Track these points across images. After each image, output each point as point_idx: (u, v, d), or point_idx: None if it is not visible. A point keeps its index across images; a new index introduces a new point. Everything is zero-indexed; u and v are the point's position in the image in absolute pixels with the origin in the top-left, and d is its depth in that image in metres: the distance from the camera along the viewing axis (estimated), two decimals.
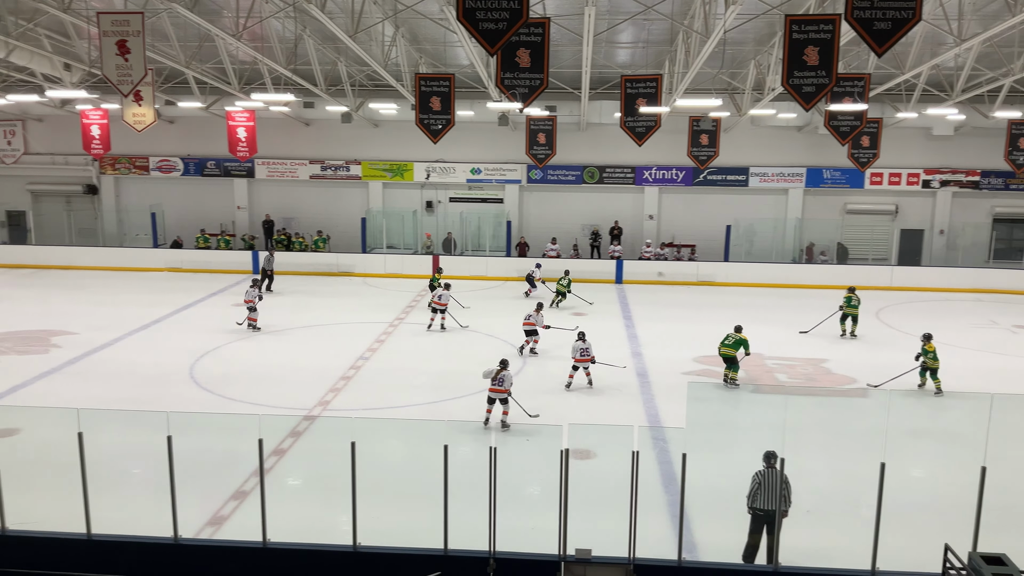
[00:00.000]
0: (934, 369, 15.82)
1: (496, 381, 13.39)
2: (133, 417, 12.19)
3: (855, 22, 10.42)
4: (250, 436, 8.54)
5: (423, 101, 17.28)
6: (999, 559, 7.21)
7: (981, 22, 17.65)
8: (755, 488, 9.08)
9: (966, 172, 29.86)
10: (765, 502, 8.96)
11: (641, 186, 30.74)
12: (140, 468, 11.79)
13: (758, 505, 9.02)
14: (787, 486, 8.96)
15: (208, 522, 10.20)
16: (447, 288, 20.61)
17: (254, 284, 20.91)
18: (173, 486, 8.60)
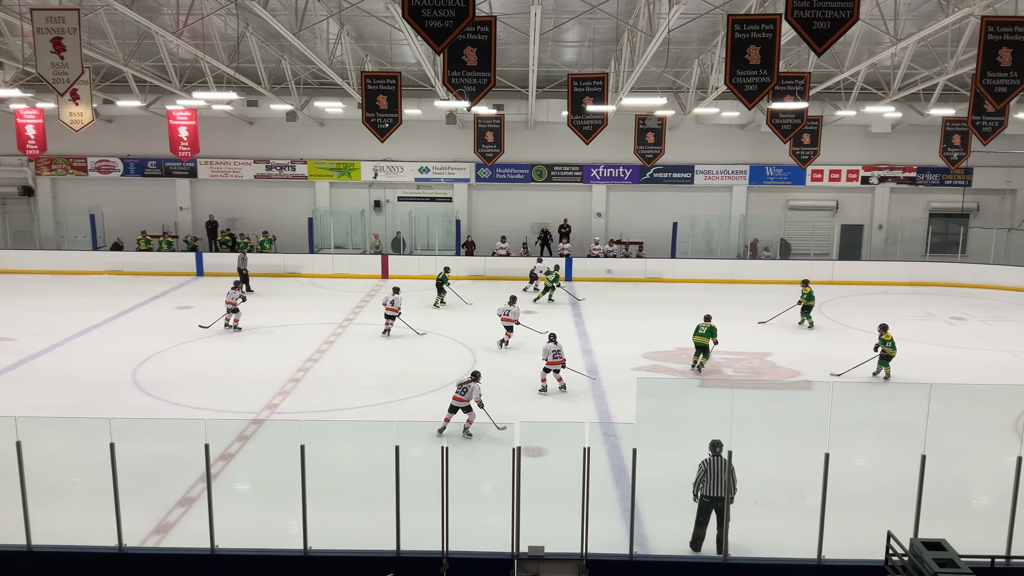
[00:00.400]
0: (889, 357, 16.46)
1: (460, 390, 13.08)
2: (74, 424, 11.86)
3: (795, 22, 10.64)
4: (196, 441, 8.38)
5: (369, 100, 17.14)
6: (939, 544, 7.43)
7: (916, 22, 18.16)
8: (701, 476, 9.31)
9: (903, 168, 30.72)
10: (711, 490, 9.18)
11: (589, 184, 30.95)
12: (82, 477, 11.49)
13: (704, 492, 9.25)
14: (732, 474, 9.15)
15: (154, 530, 9.99)
16: (396, 292, 20.34)
17: (235, 286, 20.78)
18: (117, 494, 8.39)
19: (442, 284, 23.68)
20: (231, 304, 20.26)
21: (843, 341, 20.09)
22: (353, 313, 22.66)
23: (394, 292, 20.18)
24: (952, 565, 7.09)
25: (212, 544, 8.49)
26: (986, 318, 22.81)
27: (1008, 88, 12.39)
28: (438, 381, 16.22)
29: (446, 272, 23.83)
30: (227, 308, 20.34)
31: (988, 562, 7.73)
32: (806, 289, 21.20)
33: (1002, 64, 12.26)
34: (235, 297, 20.29)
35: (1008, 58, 12.21)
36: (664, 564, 8.69)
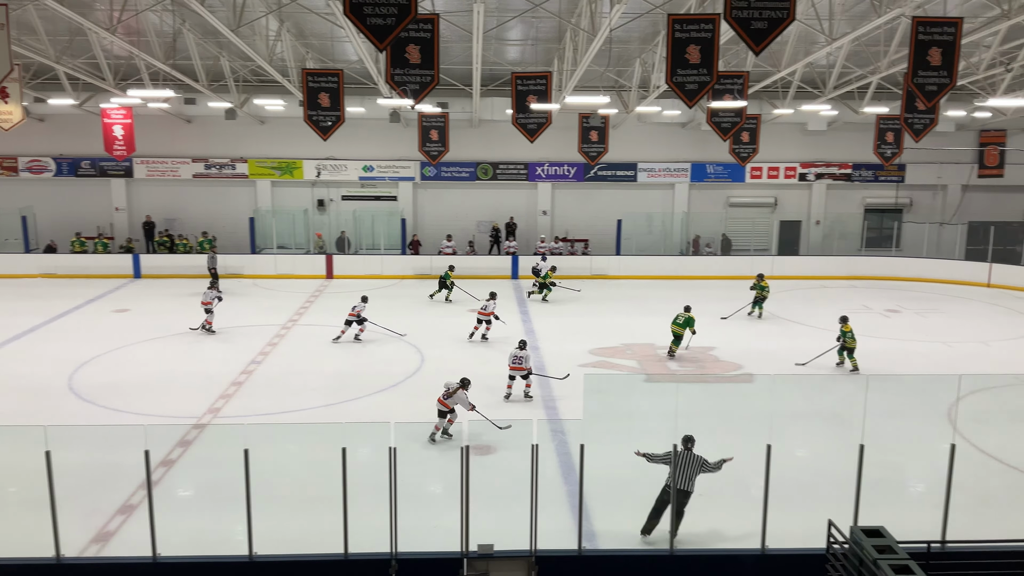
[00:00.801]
0: (851, 348, 17.01)
1: (445, 395, 12.85)
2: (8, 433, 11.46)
3: (734, 21, 10.82)
4: (136, 447, 8.18)
5: (311, 97, 16.92)
6: (878, 531, 7.64)
7: (850, 22, 18.63)
8: (669, 467, 9.40)
9: (839, 165, 31.51)
10: (678, 482, 9.32)
11: (534, 182, 31.05)
12: (17, 486, 11.11)
13: (668, 483, 9.38)
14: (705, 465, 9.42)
15: (93, 539, 9.72)
16: (364, 301, 19.78)
17: (211, 286, 20.53)
18: (53, 503, 8.14)
19: (445, 281, 24.04)
20: (207, 304, 20.02)
21: (783, 335, 20.54)
22: (297, 314, 22.35)
23: (362, 301, 19.74)
24: (890, 551, 7.30)
25: (154, 552, 8.30)
26: (920, 310, 23.53)
27: (938, 86, 12.79)
28: (385, 382, 16.11)
29: (450, 271, 24.25)
30: (204, 309, 20.08)
31: (924, 547, 7.97)
32: (763, 283, 21.96)
33: (932, 63, 12.65)
34: (211, 297, 20.07)
35: (938, 57, 12.61)
36: (612, 558, 8.77)
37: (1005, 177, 31.41)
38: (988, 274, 27.32)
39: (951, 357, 18.45)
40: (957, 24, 12.73)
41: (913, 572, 6.97)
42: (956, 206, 31.71)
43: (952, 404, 14.50)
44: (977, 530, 8.54)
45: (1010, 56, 21.23)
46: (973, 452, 12.43)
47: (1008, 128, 30.84)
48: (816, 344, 19.30)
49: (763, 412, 8.89)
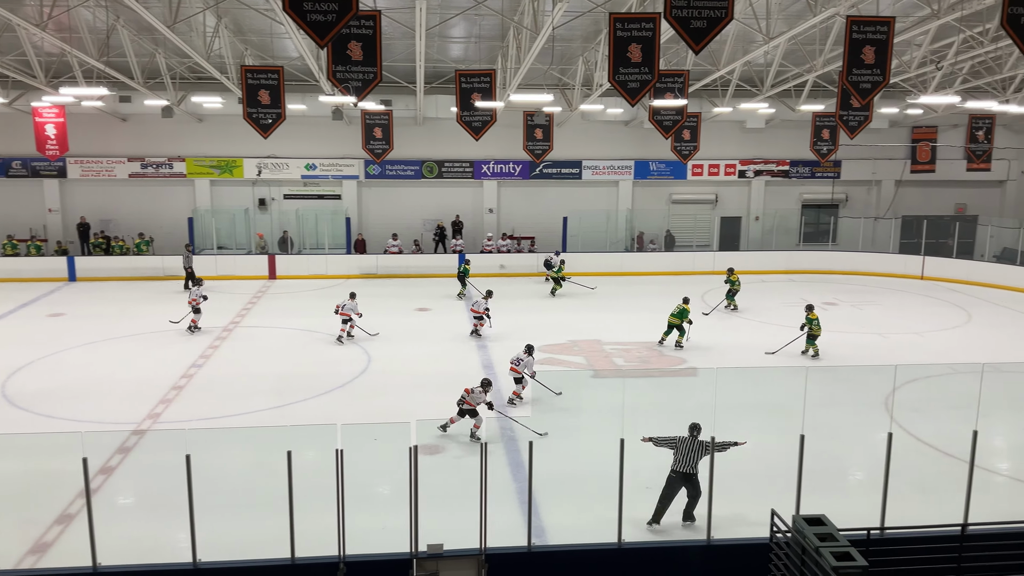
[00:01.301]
0: (815, 336, 17.94)
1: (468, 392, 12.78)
2: None
3: (673, 20, 10.95)
4: (73, 455, 7.95)
5: (251, 94, 16.64)
6: (819, 520, 7.83)
7: (787, 21, 19.02)
8: (675, 452, 9.87)
9: (777, 162, 32.18)
10: (679, 465, 9.80)
11: (480, 180, 31.02)
12: None
13: (673, 468, 9.84)
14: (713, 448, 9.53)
15: (30, 550, 9.42)
16: (352, 298, 19.49)
17: (197, 283, 20.56)
18: None
19: (463, 277, 24.64)
20: (194, 302, 19.89)
21: (725, 329, 20.88)
22: (239, 316, 21.96)
23: (350, 297, 19.50)
24: (832, 539, 7.48)
25: (94, 561, 8.08)
26: (856, 303, 24.17)
27: (872, 84, 13.14)
28: (331, 383, 15.94)
29: (467, 265, 25.01)
30: (191, 308, 19.93)
31: (864, 534, 8.19)
32: (733, 276, 22.72)
33: (866, 61, 12.99)
34: (197, 294, 19.94)
35: (871, 56, 12.95)
36: (561, 554, 8.82)
37: (936, 172, 32.45)
38: (921, 267, 28.20)
39: (887, 348, 18.98)
40: (890, 23, 13.08)
41: (854, 559, 7.15)
42: (890, 201, 32.65)
43: (889, 394, 14.93)
44: (914, 516, 8.79)
45: (940, 54, 21.92)
46: (910, 440, 12.81)
47: (939, 124, 31.86)
48: (756, 337, 19.71)
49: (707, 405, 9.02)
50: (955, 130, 31.77)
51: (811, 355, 18.00)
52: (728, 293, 22.85)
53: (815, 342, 18.02)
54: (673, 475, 9.88)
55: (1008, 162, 32.59)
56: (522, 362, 14.76)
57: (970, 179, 32.74)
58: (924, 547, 8.42)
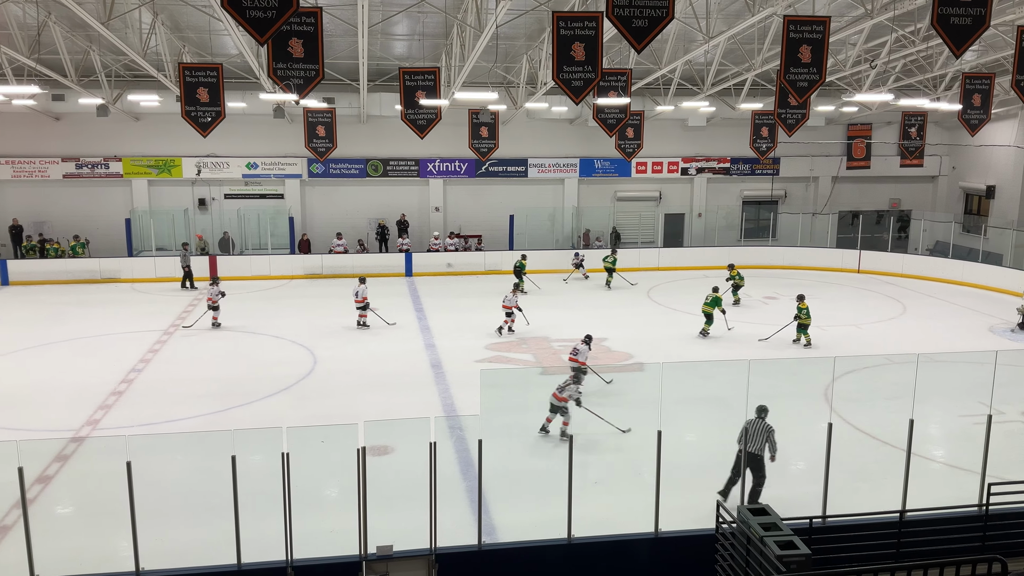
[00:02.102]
0: (806, 325, 18.73)
1: (559, 389, 12.72)
2: None
3: (616, 19, 11.04)
4: (8, 464, 7.69)
5: (189, 92, 16.30)
6: (763, 510, 7.98)
7: (726, 20, 19.33)
8: (742, 434, 10.27)
9: (718, 160, 32.70)
10: (748, 445, 10.19)
11: (426, 178, 30.88)
12: None
13: (742, 447, 10.25)
14: (771, 436, 10.25)
15: None
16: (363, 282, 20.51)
17: (213, 282, 20.53)
18: None
19: (520, 272, 24.70)
20: (212, 301, 19.97)
21: (669, 324, 21.16)
22: (180, 319, 21.49)
23: (360, 282, 20.14)
24: (776, 528, 7.64)
25: (32, 573, 7.83)
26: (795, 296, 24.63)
27: (809, 83, 13.43)
28: (275, 385, 15.70)
29: (523, 260, 25.01)
30: (208, 306, 20.04)
31: (807, 523, 8.38)
32: (734, 272, 23.48)
33: (803, 60, 13.27)
34: (215, 293, 20.01)
35: (808, 55, 13.23)
36: (512, 551, 8.84)
37: (871, 168, 33.35)
38: (858, 260, 28.95)
39: (826, 340, 19.43)
40: (825, 23, 13.39)
41: (797, 547, 7.31)
42: (827, 197, 33.44)
43: (828, 385, 15.29)
44: (854, 503, 9.03)
45: (874, 53, 22.53)
46: (849, 430, 13.14)
47: (873, 122, 32.75)
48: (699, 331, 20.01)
49: (653, 399, 9.12)
50: (889, 127, 32.70)
51: (803, 344, 18.80)
52: (733, 289, 23.38)
53: (807, 331, 18.76)
54: (740, 455, 10.43)
55: (940, 158, 33.66)
56: (579, 352, 15.17)
57: (904, 175, 33.74)
58: (864, 534, 8.65)
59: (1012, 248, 27.67)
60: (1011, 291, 24.66)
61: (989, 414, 9.17)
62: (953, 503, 9.09)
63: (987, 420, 9.14)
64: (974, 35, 11.83)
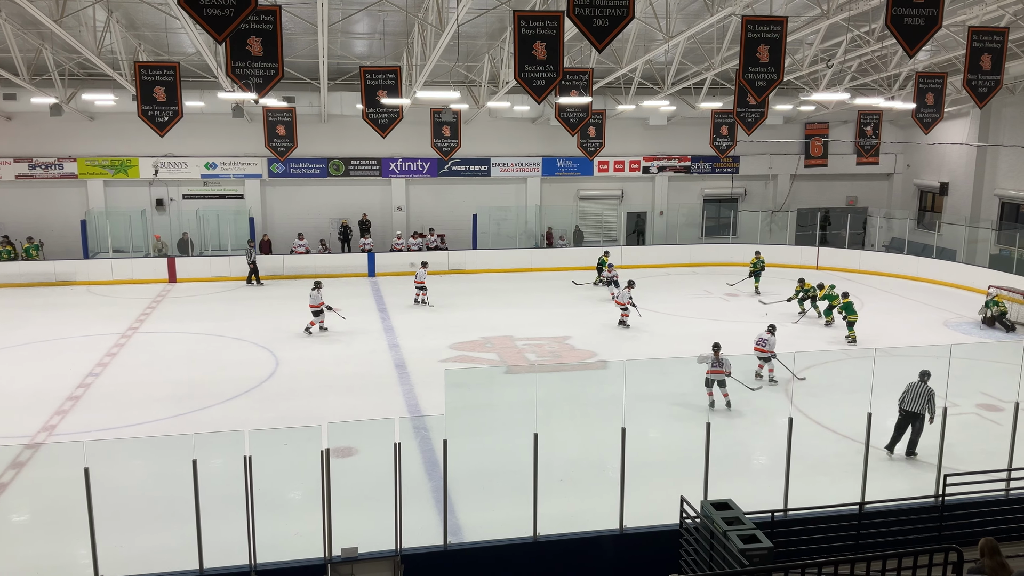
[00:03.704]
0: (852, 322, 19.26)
1: (716, 363, 14.06)
2: None
3: (577, 19, 11.08)
4: None
5: (145, 91, 16.04)
6: (726, 504, 8.08)
7: (685, 20, 19.51)
8: (904, 394, 11.84)
9: (679, 158, 32.99)
10: (909, 405, 11.77)
11: (388, 178, 30.71)
12: None
13: (903, 406, 11.83)
14: (932, 398, 11.60)
15: None
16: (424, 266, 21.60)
17: (316, 286, 19.86)
18: None
19: (601, 268, 25.29)
20: (316, 307, 19.65)
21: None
22: (138, 321, 21.13)
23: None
24: (738, 522, 7.74)
25: None
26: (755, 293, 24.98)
27: (767, 82, 13.60)
28: (237, 388, 15.52)
29: (605, 257, 25.65)
30: (314, 312, 19.66)
31: (769, 516, 8.50)
32: (758, 257, 24.67)
33: (761, 60, 13.44)
34: (317, 298, 19.62)
35: (766, 54, 13.40)
36: (478, 550, 8.84)
37: (829, 166, 33.87)
38: (816, 257, 29.39)
39: (785, 336, 19.69)
40: (783, 23, 13.57)
41: (759, 541, 7.41)
42: (786, 194, 33.91)
43: (789, 380, 15.53)
44: (815, 496, 9.17)
45: (830, 53, 22.90)
46: (809, 424, 13.35)
47: (830, 121, 33.28)
48: (663, 328, 20.22)
49: (617, 397, 9.17)
50: (845, 126, 33.26)
51: (849, 341, 19.22)
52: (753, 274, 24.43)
53: (853, 328, 19.24)
54: (902, 413, 11.89)
55: (895, 156, 34.32)
56: (766, 342, 15.84)
57: (860, 173, 34.32)
58: (825, 526, 8.80)
59: (965, 244, 28.34)
60: (965, 286, 25.27)
61: (944, 407, 9.37)
62: (910, 495, 9.28)
63: (943, 412, 9.34)
64: (927, 35, 12.06)
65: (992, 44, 14.55)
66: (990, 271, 24.87)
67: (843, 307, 19.37)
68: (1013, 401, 9.55)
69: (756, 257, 25.15)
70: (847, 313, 19.22)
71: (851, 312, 19.20)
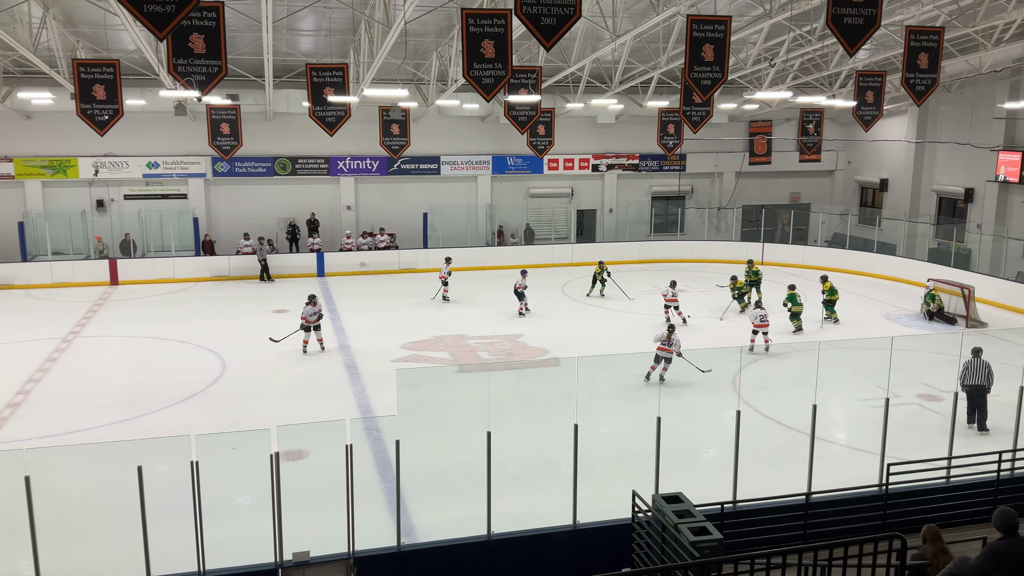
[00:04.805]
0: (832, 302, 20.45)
1: (667, 342, 15.48)
2: None
3: (524, 17, 11.10)
4: None
5: (84, 90, 15.64)
6: (677, 497, 8.17)
7: (632, 20, 19.68)
8: (963, 372, 12.71)
9: (627, 156, 33.28)
10: (971, 379, 12.73)
11: (337, 176, 30.39)
12: None
13: (965, 382, 12.71)
14: (991, 371, 12.72)
15: None
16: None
17: (311, 301, 18.11)
18: None
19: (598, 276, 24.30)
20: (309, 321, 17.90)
21: (583, 318, 21.46)
22: (80, 325, 20.58)
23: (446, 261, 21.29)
24: (689, 515, 7.84)
25: None
26: (702, 288, 25.35)
27: (712, 81, 13.79)
28: (182, 392, 15.22)
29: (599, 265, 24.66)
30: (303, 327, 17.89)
31: (719, 508, 8.63)
32: (754, 267, 23.44)
33: (706, 59, 13.62)
34: (310, 313, 17.90)
35: (711, 53, 13.58)
36: (431, 550, 8.81)
37: (772, 164, 34.50)
38: (761, 253, 29.91)
39: (731, 331, 20.03)
40: (726, 22, 13.77)
41: (710, 533, 7.52)
42: (731, 192, 34.45)
43: (735, 374, 15.79)
44: (763, 487, 9.34)
45: (773, 52, 23.32)
46: (756, 417, 13.59)
47: (773, 119, 33.88)
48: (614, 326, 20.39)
49: (569, 394, 9.22)
50: (788, 124, 33.90)
51: (833, 322, 20.47)
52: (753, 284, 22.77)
53: (834, 308, 20.46)
54: (966, 390, 12.75)
55: (836, 153, 35.10)
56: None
57: (803, 170, 35.03)
58: (773, 516, 8.96)
59: (904, 238, 29.13)
60: (905, 279, 25.97)
61: (887, 397, 9.62)
62: (855, 484, 9.50)
63: (885, 403, 9.58)
64: (866, 34, 12.36)
65: (929, 43, 14.97)
66: (929, 265, 25.61)
67: (788, 298, 19.74)
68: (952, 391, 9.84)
69: (751, 266, 23.23)
70: (792, 304, 19.61)
71: (796, 303, 19.61)
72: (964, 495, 9.57)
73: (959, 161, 28.90)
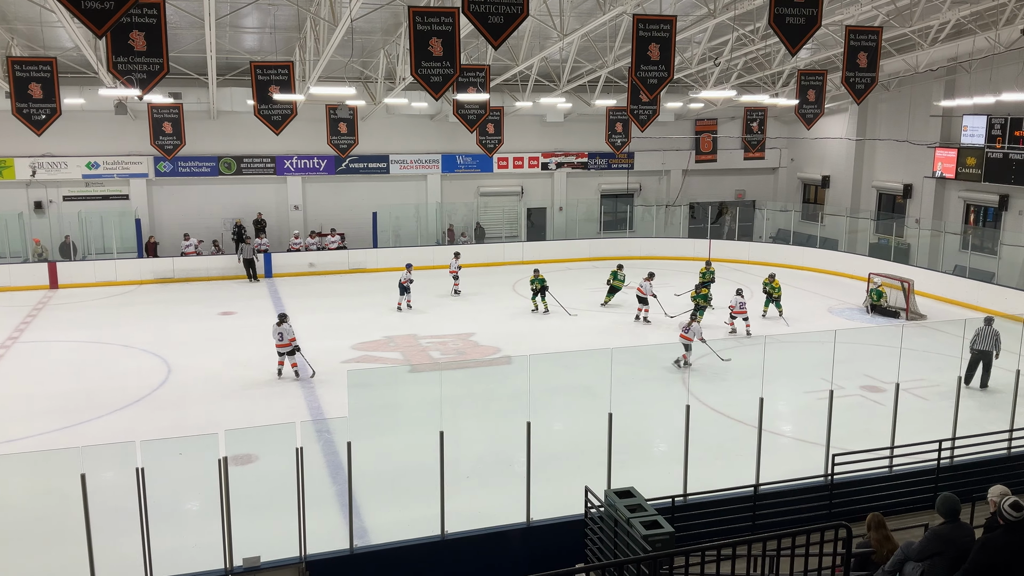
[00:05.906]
0: (778, 298, 21.15)
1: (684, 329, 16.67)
2: None
3: (472, 15, 11.10)
4: None
5: (20, 88, 15.19)
6: (629, 492, 8.25)
7: (579, 19, 19.81)
8: (974, 337, 14.43)
9: (576, 154, 33.48)
10: (980, 345, 14.45)
11: (284, 176, 29.99)
12: None
13: (974, 347, 14.46)
14: (998, 338, 14.34)
15: None
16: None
17: (282, 320, 16.30)
18: None
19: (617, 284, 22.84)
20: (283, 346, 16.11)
21: (532, 316, 21.51)
22: (18, 330, 19.97)
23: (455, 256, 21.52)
24: (641, 509, 7.92)
25: None
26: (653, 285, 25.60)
27: (658, 80, 13.95)
28: (127, 397, 14.88)
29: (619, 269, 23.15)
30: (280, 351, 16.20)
31: (670, 502, 8.74)
32: (708, 268, 23.89)
33: (652, 58, 13.77)
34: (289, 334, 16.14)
35: (657, 53, 13.74)
36: (385, 552, 8.74)
37: (718, 161, 35.04)
38: (708, 249, 30.36)
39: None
40: (672, 21, 13.94)
41: (661, 526, 7.61)
42: (679, 189, 34.89)
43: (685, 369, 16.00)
44: (713, 480, 9.48)
45: (717, 51, 23.67)
46: (705, 410, 13.80)
47: (719, 117, 34.41)
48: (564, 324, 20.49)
49: (521, 391, 9.25)
50: (733, 122, 34.46)
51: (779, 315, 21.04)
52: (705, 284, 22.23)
53: (780, 304, 21.09)
54: (974, 352, 14.48)
55: (779, 151, 35.79)
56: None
57: (747, 167, 35.65)
58: (723, 508, 9.11)
59: (846, 234, 29.83)
60: (847, 274, 26.61)
61: (831, 390, 9.84)
62: (802, 475, 9.70)
63: (829, 395, 9.80)
64: (807, 34, 12.63)
65: (868, 43, 15.36)
66: (870, 259, 26.29)
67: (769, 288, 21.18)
68: (894, 382, 10.11)
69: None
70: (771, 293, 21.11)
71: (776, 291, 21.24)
72: (906, 483, 9.84)
73: (898, 158, 29.71)
